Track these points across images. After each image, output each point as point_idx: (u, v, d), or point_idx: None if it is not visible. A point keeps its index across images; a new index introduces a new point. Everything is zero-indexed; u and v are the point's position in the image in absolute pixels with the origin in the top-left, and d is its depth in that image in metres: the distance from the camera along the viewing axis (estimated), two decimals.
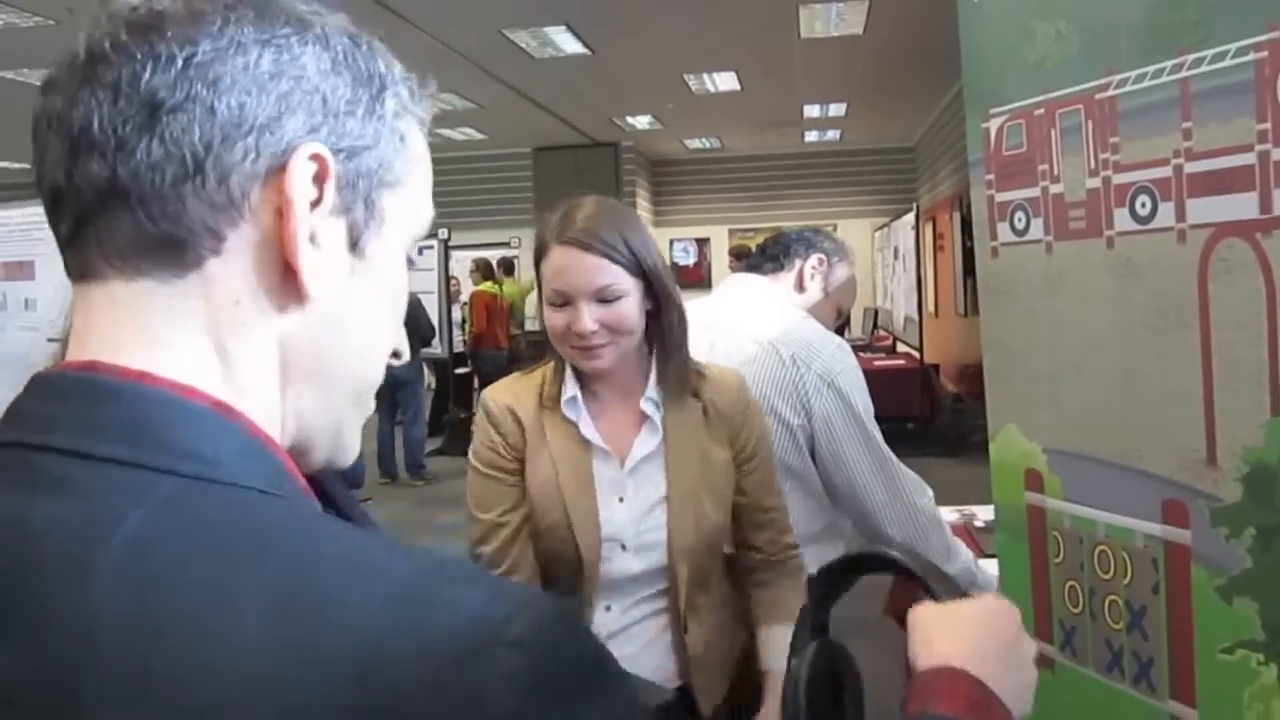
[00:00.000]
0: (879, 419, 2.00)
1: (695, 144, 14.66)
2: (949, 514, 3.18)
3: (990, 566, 1.55)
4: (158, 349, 0.54)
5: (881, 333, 11.67)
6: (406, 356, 0.66)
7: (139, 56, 0.52)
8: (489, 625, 0.47)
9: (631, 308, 1.50)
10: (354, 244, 0.58)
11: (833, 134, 14.11)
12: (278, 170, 0.54)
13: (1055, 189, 1.23)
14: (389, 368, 0.64)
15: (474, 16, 7.60)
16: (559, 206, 1.55)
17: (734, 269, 9.64)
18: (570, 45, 8.61)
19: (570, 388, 1.55)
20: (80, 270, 0.55)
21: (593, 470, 1.55)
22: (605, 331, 1.49)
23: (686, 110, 11.72)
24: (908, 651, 0.76)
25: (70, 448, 0.50)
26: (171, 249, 0.53)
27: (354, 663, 0.45)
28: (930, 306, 9.00)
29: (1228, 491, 1.02)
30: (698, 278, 15.33)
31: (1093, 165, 1.17)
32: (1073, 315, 1.22)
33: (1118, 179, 1.14)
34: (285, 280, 0.55)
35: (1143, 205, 1.11)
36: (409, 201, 0.62)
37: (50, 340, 3.88)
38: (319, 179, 0.55)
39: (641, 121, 12.61)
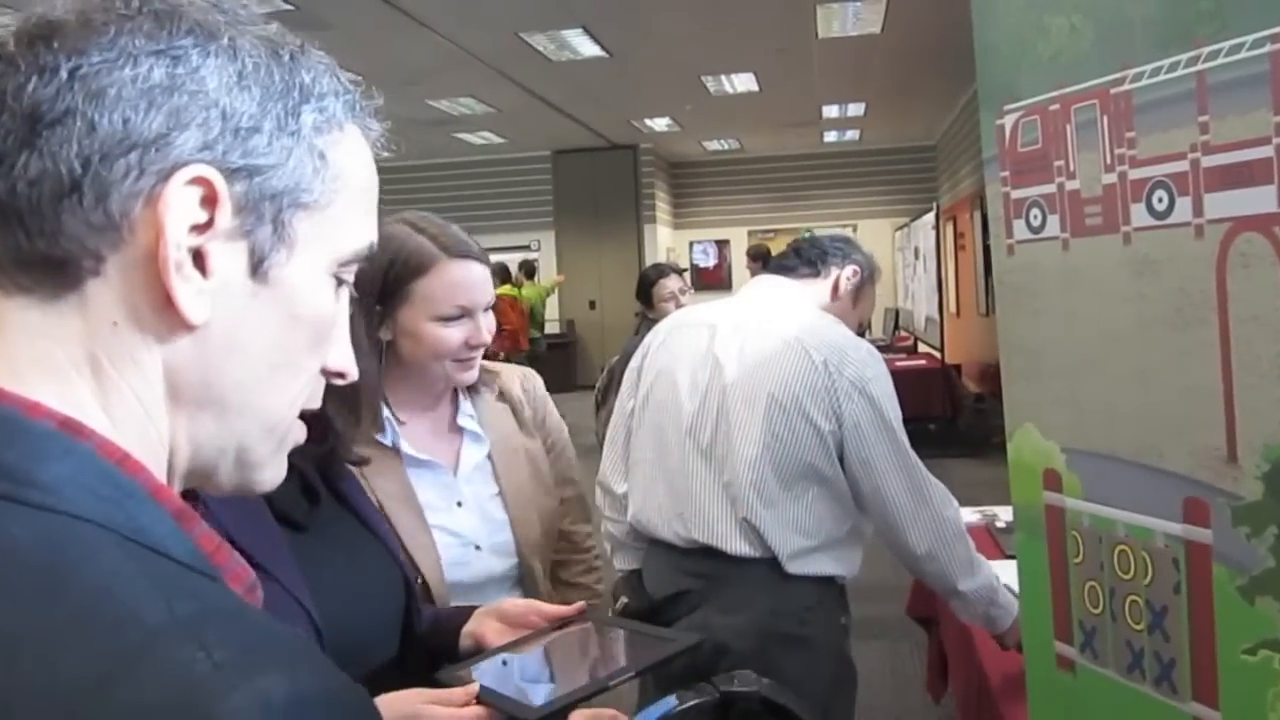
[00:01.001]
0: (901, 419, 1.99)
1: (714, 145, 14.65)
2: (970, 515, 3.16)
3: (1010, 568, 1.53)
4: (24, 365, 0.52)
5: (902, 333, 11.63)
6: (353, 375, 0.64)
7: (23, 68, 0.50)
8: (198, 698, 0.43)
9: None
10: (255, 268, 0.55)
11: (852, 134, 14.07)
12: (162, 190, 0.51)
13: (1071, 185, 1.22)
14: None
15: (490, 20, 7.62)
16: (415, 224, 1.48)
17: (751, 270, 9.63)
18: (587, 48, 8.62)
19: (382, 412, 1.50)
20: None
21: (415, 489, 1.50)
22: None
23: (705, 112, 11.71)
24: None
25: None
26: (51, 267, 0.51)
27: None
28: (951, 306, 8.97)
29: (1249, 490, 1.00)
30: (717, 280, 15.33)
31: (1109, 160, 1.16)
32: (1090, 312, 1.20)
33: (1134, 174, 1.12)
34: (168, 304, 0.52)
35: (1160, 200, 1.09)
36: (332, 223, 0.58)
37: None
38: (208, 201, 0.52)
39: (660, 124, 12.61)
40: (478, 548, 1.53)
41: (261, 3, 6.73)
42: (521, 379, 1.70)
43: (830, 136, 14.25)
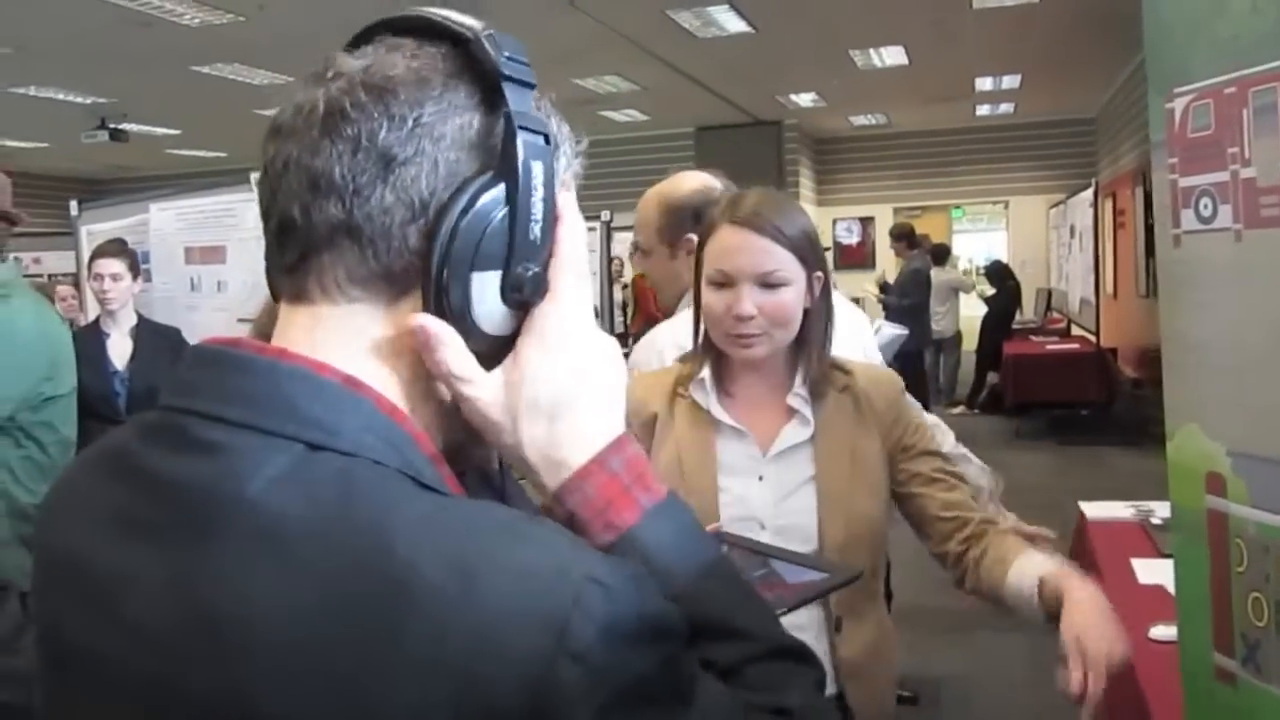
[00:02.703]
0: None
1: (860, 121, 14.37)
2: (1124, 509, 3.04)
3: (1166, 567, 1.46)
4: (347, 357, 0.61)
5: (1055, 315, 11.20)
6: None
7: (375, 115, 0.60)
8: (576, 562, 0.54)
9: (792, 299, 1.47)
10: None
11: (1006, 107, 13.57)
12: None
13: (1246, 173, 1.15)
14: None
15: None
16: (729, 193, 1.54)
17: (895, 249, 9.42)
18: (733, 24, 8.56)
19: (703, 371, 1.54)
20: (294, 294, 0.63)
21: (716, 450, 1.52)
22: (763, 319, 1.46)
23: (852, 86, 11.49)
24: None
25: (210, 412, 0.58)
26: (388, 280, 0.61)
27: (448, 591, 0.51)
28: (1109, 287, 8.58)
29: None
30: (860, 258, 15.06)
31: None
32: (1263, 309, 1.14)
33: None
34: None
35: None
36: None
37: (240, 320, 4.11)
38: None
39: (805, 99, 12.43)
40: (762, 526, 1.50)
41: None
42: (879, 380, 1.60)
43: (983, 110, 13.78)
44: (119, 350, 3.66)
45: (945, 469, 1.58)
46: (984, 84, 11.79)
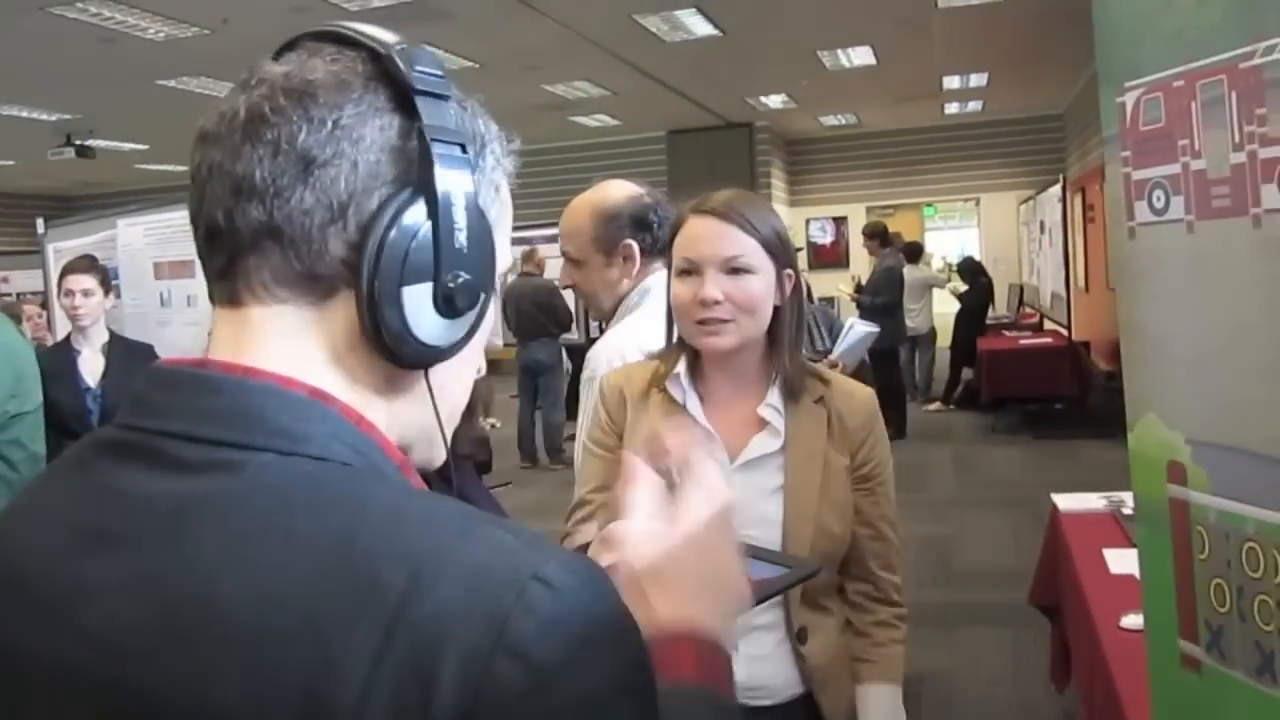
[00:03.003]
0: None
1: (831, 121, 14.43)
2: (1096, 500, 3.06)
3: (1134, 557, 1.47)
4: (281, 359, 0.62)
5: (1027, 309, 11.28)
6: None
7: (294, 119, 0.61)
8: (524, 561, 0.54)
9: (759, 286, 1.46)
10: None
11: (974, 105, 13.67)
12: None
13: (1197, 165, 1.16)
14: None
15: (604, 3, 7.65)
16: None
17: (868, 248, 9.46)
18: (701, 27, 8.58)
19: (679, 367, 1.54)
20: (227, 299, 0.64)
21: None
22: (729, 306, 1.45)
23: (821, 87, 11.54)
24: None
25: (185, 433, 0.60)
26: (311, 281, 0.62)
27: (398, 586, 0.52)
28: (1080, 281, 8.64)
29: None
30: (834, 257, 15.12)
31: (1237, 139, 1.10)
32: (1217, 299, 1.15)
33: (1265, 153, 1.07)
34: None
35: None
36: (499, 244, 0.69)
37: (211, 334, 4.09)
38: None
39: (775, 101, 12.48)
40: None
41: None
42: (856, 397, 1.58)
43: (951, 108, 13.87)
44: (90, 367, 3.63)
45: (882, 515, 1.57)
46: (952, 82, 11.87)
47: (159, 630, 0.55)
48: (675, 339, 1.57)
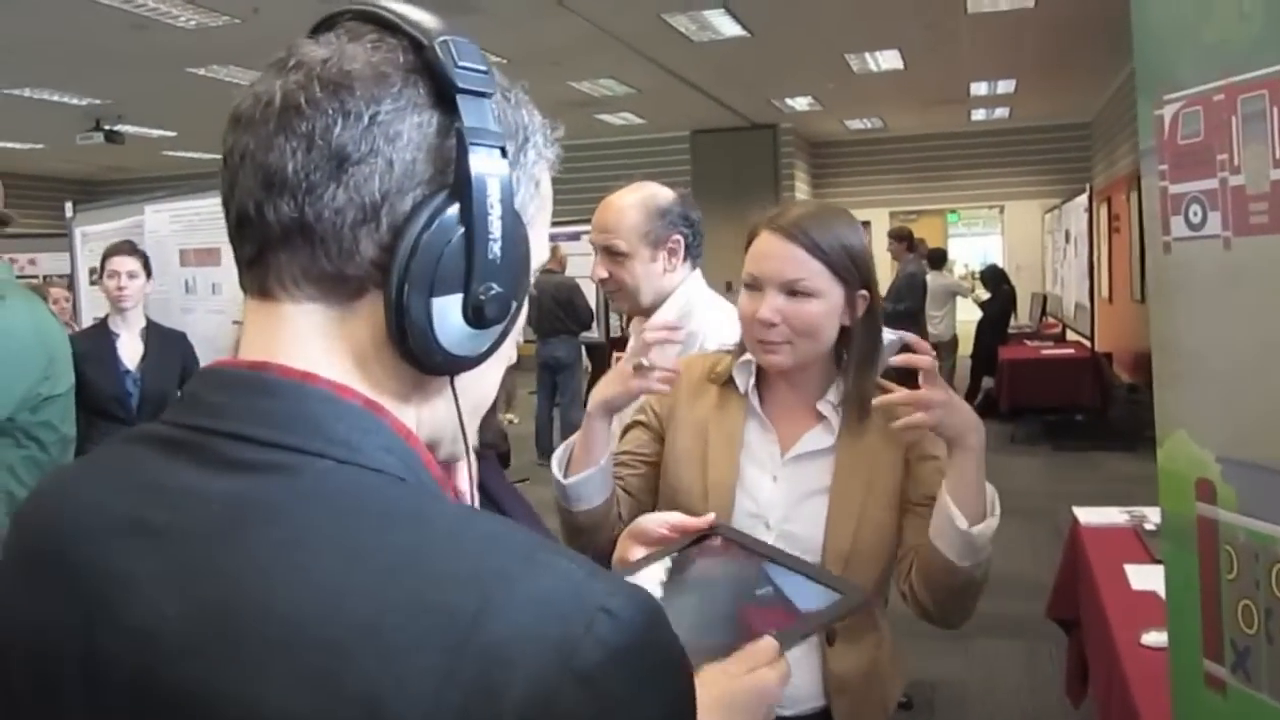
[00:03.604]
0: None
1: (856, 125, 14.37)
2: (1118, 515, 3.04)
3: (1158, 573, 1.46)
4: (318, 359, 0.62)
5: (1050, 319, 11.21)
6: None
7: (330, 112, 0.59)
8: (591, 592, 0.54)
9: (819, 310, 1.45)
10: None
11: (1001, 111, 13.58)
12: None
13: (1235, 180, 1.15)
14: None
15: (633, 2, 7.63)
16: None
17: (892, 251, 9.41)
18: (729, 28, 8.56)
19: (747, 357, 1.55)
20: (257, 289, 0.63)
21: (743, 440, 1.53)
22: (785, 328, 1.45)
23: (847, 90, 11.49)
24: None
25: (240, 433, 0.59)
26: (341, 282, 0.61)
27: (469, 609, 0.52)
28: (1104, 292, 8.59)
29: None
30: None
31: (1278, 155, 1.09)
32: (1252, 316, 1.14)
33: None
34: None
35: None
36: (536, 239, 0.68)
37: (235, 323, 4.11)
38: None
39: (801, 103, 12.44)
40: (767, 526, 1.48)
41: None
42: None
43: (978, 114, 13.79)
44: (130, 351, 3.67)
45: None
46: (979, 89, 11.80)
47: (208, 627, 0.54)
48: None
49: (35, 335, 2.47)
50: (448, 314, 0.60)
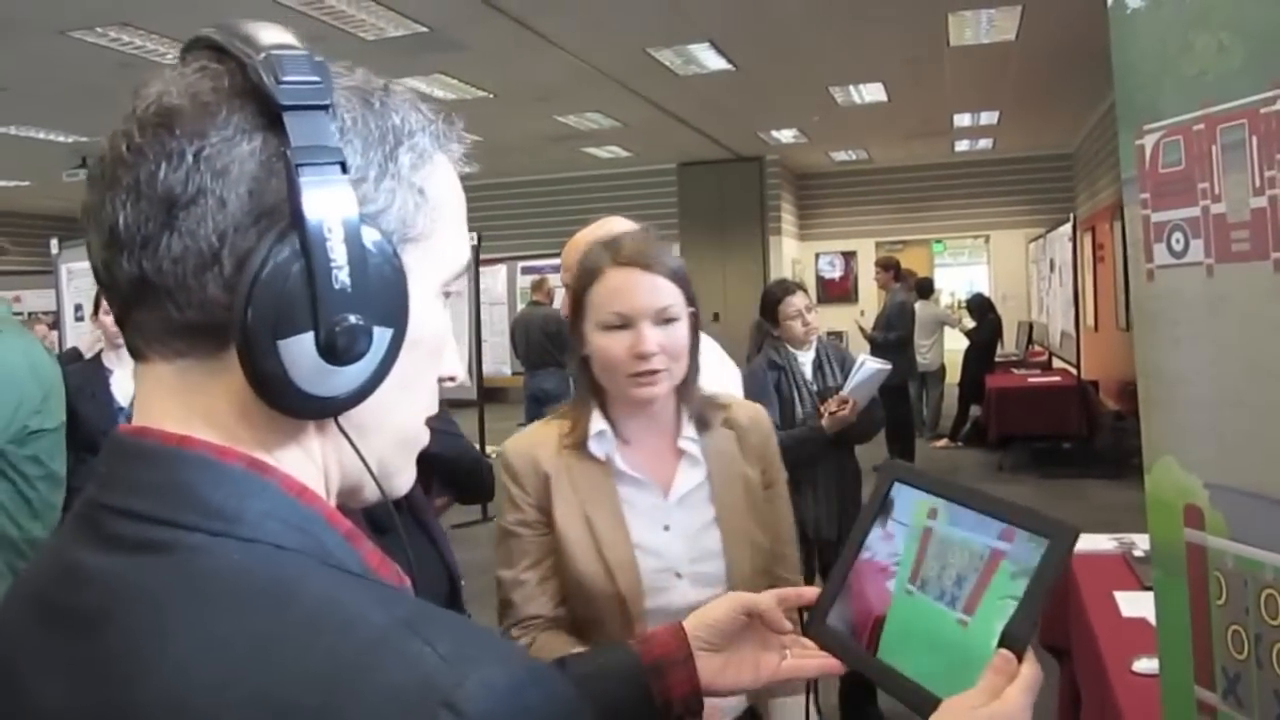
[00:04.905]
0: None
1: (841, 156, 14.49)
2: (1106, 542, 3.04)
3: (1148, 600, 1.46)
4: (196, 419, 0.58)
5: (1036, 348, 11.26)
6: (461, 376, 0.68)
7: (151, 156, 0.55)
8: (437, 684, 0.49)
9: (684, 333, 1.48)
10: None
11: (984, 142, 13.72)
12: None
13: (1216, 209, 1.16)
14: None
15: (618, 37, 7.71)
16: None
17: (879, 280, 9.46)
18: (714, 62, 8.64)
19: (598, 423, 1.52)
20: (131, 350, 0.60)
21: (622, 505, 1.51)
22: (663, 356, 1.46)
23: (832, 122, 11.59)
24: None
25: (120, 506, 0.56)
26: (204, 333, 0.56)
27: (304, 708, 0.48)
28: (1089, 320, 8.64)
29: None
30: (843, 291, 15.16)
31: (1258, 184, 1.10)
32: (1236, 342, 1.15)
33: None
34: None
35: None
36: (436, 251, 0.63)
37: None
38: None
39: (786, 135, 12.54)
40: (678, 575, 1.49)
41: (397, 26, 6.95)
42: (752, 412, 1.65)
43: (962, 145, 13.92)
44: (123, 388, 3.64)
45: (781, 518, 1.64)
46: (962, 120, 11.92)
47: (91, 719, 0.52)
48: (586, 388, 1.56)
49: (30, 371, 2.46)
50: (300, 354, 0.55)
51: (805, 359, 3.66)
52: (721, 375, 2.15)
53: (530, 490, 1.53)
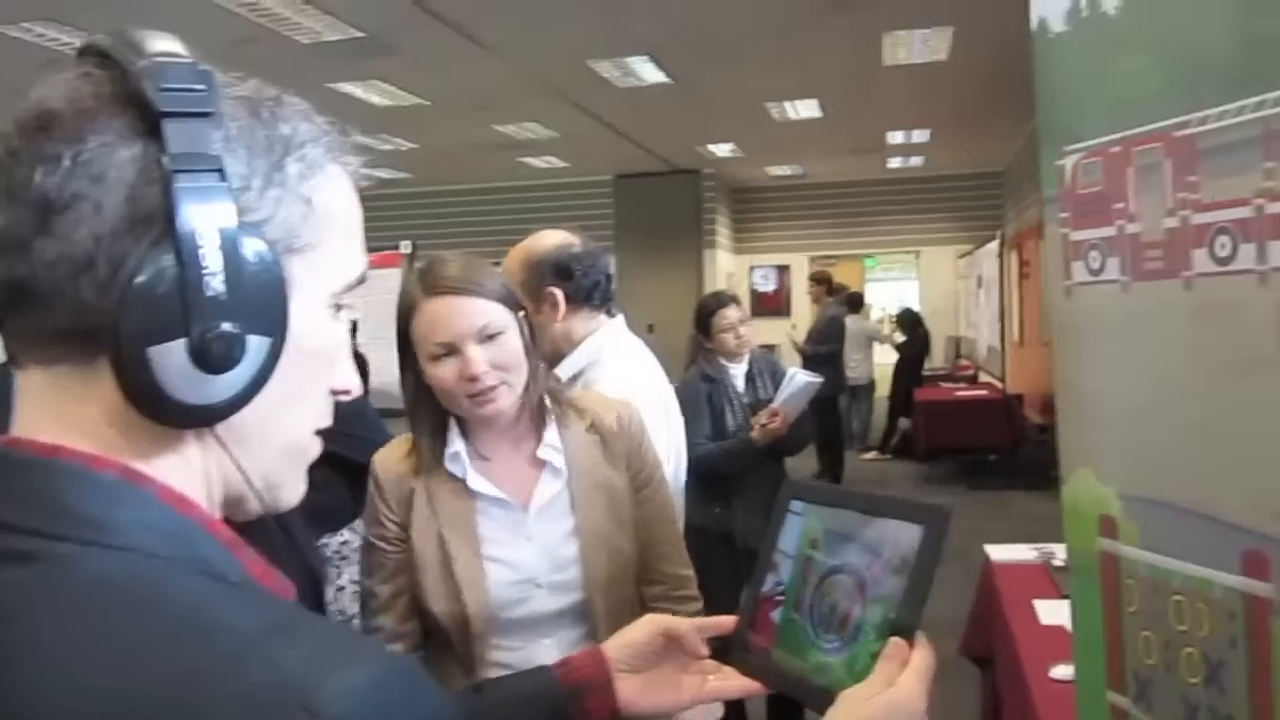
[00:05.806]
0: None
1: (777, 171, 14.63)
2: (1027, 552, 3.11)
3: (1066, 608, 1.50)
4: (70, 427, 0.57)
5: (964, 362, 11.48)
6: (356, 390, 0.67)
7: (27, 160, 0.55)
8: (296, 688, 0.49)
9: (514, 342, 1.50)
10: None
11: (916, 160, 13.96)
12: None
13: (1132, 228, 1.20)
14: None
15: (557, 48, 7.71)
16: (419, 268, 1.55)
17: (813, 294, 9.58)
18: (652, 75, 8.68)
19: (454, 443, 1.54)
20: (10, 357, 0.60)
21: (478, 523, 1.53)
22: (496, 372, 1.48)
23: (768, 138, 11.71)
24: None
25: None
26: (77, 338, 0.56)
27: (166, 713, 0.48)
28: (1015, 335, 8.83)
29: None
30: (776, 305, 15.29)
31: (1170, 204, 1.14)
32: (1150, 358, 1.18)
33: (1197, 218, 1.11)
34: None
35: (1222, 246, 1.08)
36: (324, 261, 0.63)
37: None
38: None
39: (723, 149, 12.63)
40: (538, 585, 1.52)
41: (333, 30, 6.88)
42: (619, 411, 1.65)
43: (894, 163, 14.15)
44: None
45: (661, 515, 1.66)
46: (895, 137, 12.12)
47: None
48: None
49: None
50: (171, 361, 0.55)
51: (738, 371, 3.69)
52: (645, 381, 2.14)
53: (393, 506, 1.55)
